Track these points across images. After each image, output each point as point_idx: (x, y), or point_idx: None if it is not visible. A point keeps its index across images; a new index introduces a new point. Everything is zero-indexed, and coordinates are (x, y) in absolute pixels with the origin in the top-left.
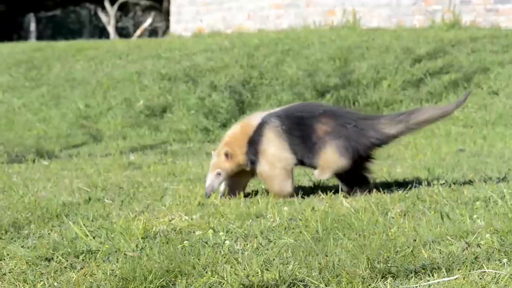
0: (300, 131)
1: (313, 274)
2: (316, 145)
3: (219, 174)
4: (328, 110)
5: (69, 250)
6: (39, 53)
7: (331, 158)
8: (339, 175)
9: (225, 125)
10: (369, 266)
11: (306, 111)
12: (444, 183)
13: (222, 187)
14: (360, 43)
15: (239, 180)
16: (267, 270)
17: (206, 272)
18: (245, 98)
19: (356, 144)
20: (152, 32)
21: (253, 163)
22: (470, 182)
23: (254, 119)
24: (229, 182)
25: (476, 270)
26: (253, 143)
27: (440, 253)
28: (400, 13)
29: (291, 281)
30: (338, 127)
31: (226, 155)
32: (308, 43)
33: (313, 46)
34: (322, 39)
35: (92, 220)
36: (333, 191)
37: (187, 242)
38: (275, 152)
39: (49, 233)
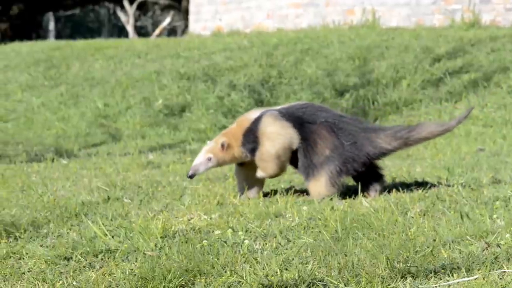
0: (299, 132)
1: (332, 274)
2: (311, 164)
3: (209, 159)
4: (328, 119)
5: (88, 249)
6: (58, 52)
7: (321, 189)
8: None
9: None
10: (389, 266)
11: (308, 114)
12: (463, 183)
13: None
14: (379, 42)
15: (254, 178)
16: (286, 269)
17: (225, 272)
18: (264, 98)
19: (353, 164)
20: (171, 31)
21: (254, 150)
22: (490, 181)
23: (252, 114)
24: (247, 181)
25: (496, 270)
26: (250, 132)
27: (460, 253)
28: (419, 12)
29: (310, 280)
30: (336, 147)
31: (222, 145)
32: (327, 43)
33: (332, 46)
34: (341, 39)
35: (111, 219)
36: (352, 190)
37: (206, 241)
38: (277, 129)
39: (68, 232)
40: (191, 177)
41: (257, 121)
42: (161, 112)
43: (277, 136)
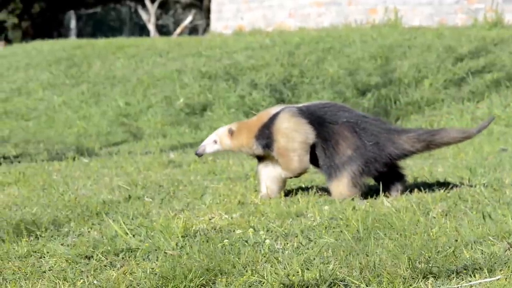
0: (319, 131)
1: (353, 274)
2: (333, 164)
3: (215, 142)
4: (350, 119)
5: (109, 248)
6: (79, 50)
7: (343, 190)
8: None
9: None
10: (410, 266)
11: (329, 114)
12: (486, 183)
13: (211, 149)
14: (401, 41)
15: (279, 178)
16: (308, 269)
17: (246, 271)
18: (286, 97)
19: (375, 164)
20: (192, 30)
21: (269, 146)
22: None
23: (273, 109)
24: (268, 180)
25: None
26: (267, 127)
27: (482, 253)
28: (442, 12)
29: (332, 280)
30: (358, 147)
31: (229, 131)
32: (349, 42)
33: (354, 45)
34: (364, 38)
35: (132, 218)
36: (374, 190)
37: (227, 241)
38: (291, 125)
39: (89, 231)
40: (198, 155)
41: (274, 117)
42: (182, 111)
43: (291, 132)
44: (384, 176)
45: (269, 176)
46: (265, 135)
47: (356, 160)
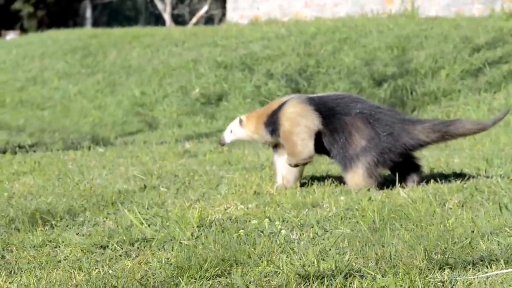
0: (331, 124)
1: (369, 264)
2: (347, 155)
3: (231, 131)
4: (364, 111)
5: (124, 238)
6: (95, 40)
7: (359, 180)
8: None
9: None
10: (427, 257)
11: (342, 106)
12: (502, 174)
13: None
14: (418, 32)
15: (294, 168)
16: (323, 260)
17: (262, 262)
18: (302, 87)
19: (390, 155)
20: (208, 20)
21: (275, 131)
22: None
23: (285, 98)
24: (284, 170)
25: None
26: (275, 113)
27: (499, 244)
28: (459, 2)
29: (347, 271)
30: (372, 137)
31: (239, 120)
32: (365, 32)
33: (371, 35)
34: (380, 28)
35: (147, 208)
36: (390, 181)
37: (242, 231)
38: (297, 110)
39: (104, 221)
40: (221, 144)
41: (283, 104)
42: (198, 101)
43: (296, 116)
44: (400, 166)
45: (284, 166)
46: (273, 120)
47: (371, 150)
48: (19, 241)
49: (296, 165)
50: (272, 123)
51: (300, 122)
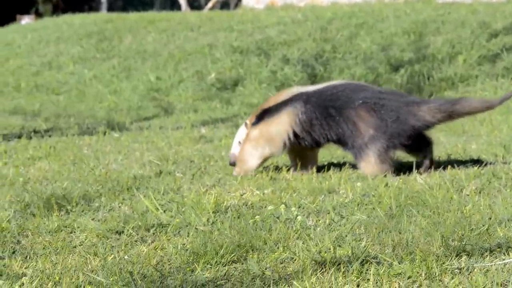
0: (333, 117)
1: (386, 251)
2: (356, 145)
3: (239, 143)
4: (367, 100)
5: (139, 223)
6: (110, 24)
7: (374, 169)
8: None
9: None
10: (443, 244)
11: (343, 99)
12: None
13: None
14: (435, 17)
15: (307, 153)
16: (340, 246)
17: (278, 248)
18: (318, 72)
19: (399, 138)
20: (224, 5)
21: (253, 125)
22: None
23: (282, 95)
24: (300, 156)
25: None
26: (267, 112)
27: None
28: None
29: (364, 258)
30: (379, 125)
31: (245, 124)
32: (382, 17)
33: (388, 20)
34: (397, 13)
35: (163, 194)
36: (406, 167)
37: (258, 217)
38: (271, 130)
39: (119, 206)
40: (232, 165)
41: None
42: (213, 86)
43: (264, 140)
44: (412, 144)
45: (300, 152)
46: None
47: (379, 138)
48: (34, 226)
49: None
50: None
51: (263, 145)
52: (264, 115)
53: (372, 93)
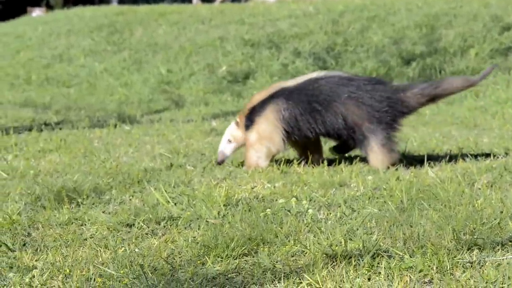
0: (318, 114)
1: (397, 244)
2: (357, 140)
3: (229, 141)
4: (353, 94)
5: (150, 216)
6: (121, 17)
7: (382, 159)
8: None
9: None
10: (455, 238)
11: (326, 93)
12: None
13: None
14: (447, 10)
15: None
16: (351, 240)
17: (289, 241)
18: (329, 65)
19: (395, 124)
20: None
21: (247, 128)
22: None
23: (267, 91)
24: (305, 149)
25: None
26: (254, 112)
27: None
28: None
29: (375, 251)
30: (373, 115)
31: (237, 123)
32: (394, 10)
33: (399, 13)
34: (409, 6)
35: (174, 187)
36: (418, 161)
37: (269, 210)
38: (266, 129)
39: (130, 199)
40: (219, 163)
41: (262, 104)
42: (224, 79)
43: (264, 139)
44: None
45: (306, 144)
46: (248, 121)
47: (377, 128)
48: (45, 219)
49: None
50: (249, 121)
51: (265, 145)
52: (252, 115)
53: (357, 86)
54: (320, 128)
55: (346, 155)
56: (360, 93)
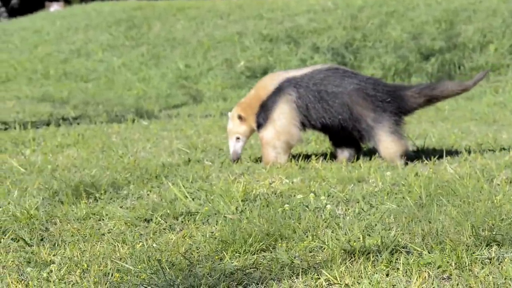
0: (326, 104)
1: (415, 240)
2: (364, 131)
3: (238, 139)
4: (358, 86)
5: (168, 211)
6: (140, 12)
7: (393, 148)
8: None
9: None
10: (474, 234)
11: (334, 83)
12: None
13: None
14: (467, 5)
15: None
16: (369, 235)
17: (307, 237)
18: (348, 61)
19: (399, 116)
20: None
21: (260, 127)
22: None
23: (271, 83)
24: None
25: None
26: (265, 108)
27: None
28: None
29: (393, 247)
30: (378, 106)
31: (240, 117)
32: (413, 5)
33: (418, 8)
34: (428, 1)
35: (192, 182)
36: (437, 156)
37: (287, 205)
38: (282, 123)
39: (148, 194)
40: (234, 161)
41: (273, 97)
42: (243, 74)
43: (282, 133)
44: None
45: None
46: (262, 116)
47: (384, 117)
48: (62, 214)
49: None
50: (262, 118)
51: (283, 140)
52: (265, 112)
53: (360, 79)
54: (327, 118)
55: (365, 150)
56: (364, 84)
